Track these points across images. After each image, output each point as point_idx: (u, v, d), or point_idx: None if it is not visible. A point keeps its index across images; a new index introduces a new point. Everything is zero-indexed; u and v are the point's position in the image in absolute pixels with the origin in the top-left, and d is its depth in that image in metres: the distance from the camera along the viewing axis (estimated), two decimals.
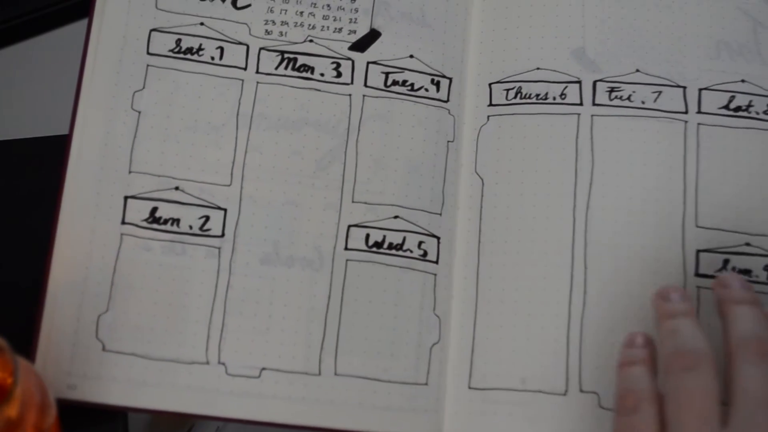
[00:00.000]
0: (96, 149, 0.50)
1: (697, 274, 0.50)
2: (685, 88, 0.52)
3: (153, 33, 0.53)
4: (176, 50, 0.52)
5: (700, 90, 0.52)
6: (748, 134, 0.52)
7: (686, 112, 0.52)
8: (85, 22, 0.53)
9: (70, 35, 0.63)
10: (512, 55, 0.54)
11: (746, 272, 0.50)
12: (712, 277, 0.50)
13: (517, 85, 0.53)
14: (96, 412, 0.48)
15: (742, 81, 0.52)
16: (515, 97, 0.53)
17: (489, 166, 0.52)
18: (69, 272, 0.49)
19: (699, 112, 0.52)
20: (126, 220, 0.50)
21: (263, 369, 0.49)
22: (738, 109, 0.52)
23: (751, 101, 0.52)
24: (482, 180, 0.52)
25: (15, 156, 0.57)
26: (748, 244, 0.50)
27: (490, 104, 0.53)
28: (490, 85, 0.54)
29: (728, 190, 0.51)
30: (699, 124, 0.52)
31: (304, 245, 0.50)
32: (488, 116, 0.53)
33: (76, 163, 0.50)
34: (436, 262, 0.51)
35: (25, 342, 0.47)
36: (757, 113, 0.52)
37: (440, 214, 0.52)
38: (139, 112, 0.51)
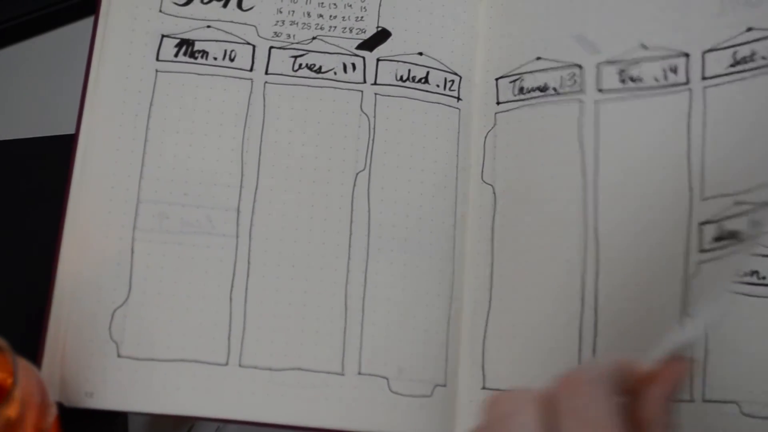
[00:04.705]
0: (106, 155, 0.50)
1: (702, 250, 0.49)
2: (688, 55, 0.51)
3: (160, 37, 0.52)
4: (184, 54, 0.52)
5: (704, 53, 0.51)
6: (753, 83, 0.50)
7: (688, 82, 0.51)
8: (85, 21, 0.53)
9: (70, 35, 0.63)
10: (518, 49, 0.53)
11: (753, 273, 0.49)
12: (711, 250, 0.49)
13: (519, 77, 0.53)
14: (96, 412, 0.47)
15: (748, 30, 0.51)
16: (519, 92, 0.53)
17: (498, 169, 0.52)
18: (79, 278, 0.48)
19: (704, 77, 0.51)
20: (139, 225, 0.49)
21: (285, 370, 0.48)
22: (743, 60, 0.51)
23: (754, 50, 0.51)
24: (492, 185, 0.52)
25: (15, 156, 0.56)
26: (739, 203, 0.49)
27: (498, 102, 0.53)
28: (496, 80, 0.53)
29: (735, 154, 0.50)
30: (705, 87, 0.51)
31: (321, 244, 0.50)
32: (495, 114, 0.53)
33: (81, 169, 0.50)
34: (452, 262, 0.51)
35: (27, 342, 0.47)
36: (763, 57, 0.50)
37: (454, 215, 0.51)
38: (149, 118, 0.51)
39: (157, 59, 0.52)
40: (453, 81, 0.53)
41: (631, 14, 0.53)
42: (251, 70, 0.52)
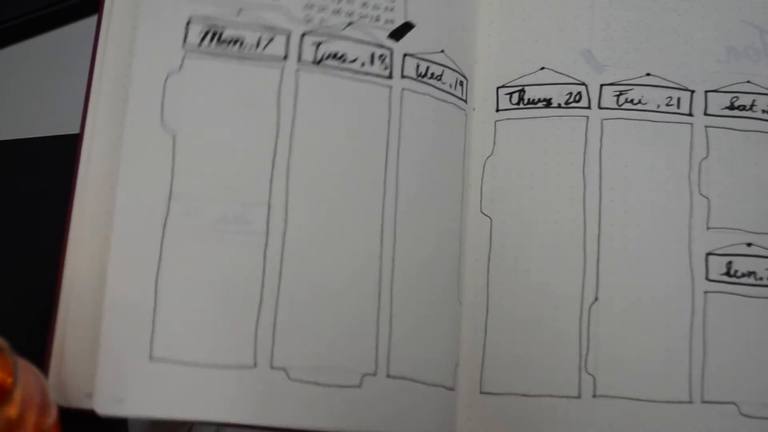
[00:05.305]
0: (106, 153, 0.48)
1: (708, 279, 0.50)
2: (693, 92, 0.52)
3: (186, 23, 0.49)
4: (211, 40, 0.49)
5: (707, 92, 0.52)
6: (753, 134, 0.52)
7: (692, 115, 0.52)
8: (86, 21, 0.53)
9: (71, 35, 0.63)
10: (518, 58, 0.53)
11: (750, 274, 0.50)
12: (720, 282, 0.49)
13: (520, 88, 0.53)
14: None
15: (748, 82, 0.52)
16: (518, 102, 0.52)
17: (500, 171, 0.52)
18: (87, 275, 0.47)
19: (706, 114, 0.52)
20: (168, 222, 0.46)
21: (313, 369, 0.46)
22: (742, 108, 0.52)
23: (754, 100, 0.52)
24: (491, 195, 0.52)
25: (15, 156, 0.56)
26: (750, 245, 0.50)
27: (498, 110, 0.53)
28: (497, 89, 0.53)
29: (737, 192, 0.51)
30: (706, 126, 0.52)
31: (351, 245, 0.48)
32: (495, 121, 0.53)
33: (85, 167, 0.48)
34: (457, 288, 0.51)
35: (31, 343, 0.46)
36: (764, 111, 0.52)
37: (459, 220, 0.51)
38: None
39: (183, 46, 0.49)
40: (462, 83, 0.52)
41: (637, 43, 0.53)
42: (285, 58, 0.49)
